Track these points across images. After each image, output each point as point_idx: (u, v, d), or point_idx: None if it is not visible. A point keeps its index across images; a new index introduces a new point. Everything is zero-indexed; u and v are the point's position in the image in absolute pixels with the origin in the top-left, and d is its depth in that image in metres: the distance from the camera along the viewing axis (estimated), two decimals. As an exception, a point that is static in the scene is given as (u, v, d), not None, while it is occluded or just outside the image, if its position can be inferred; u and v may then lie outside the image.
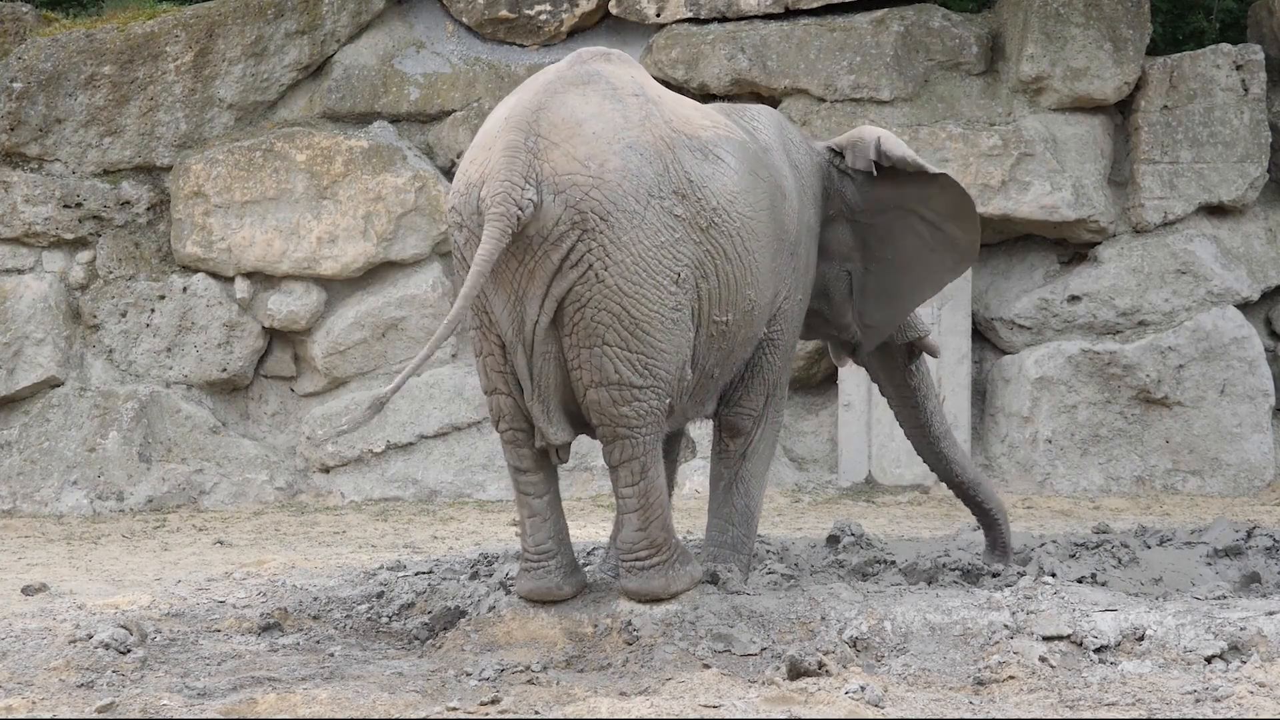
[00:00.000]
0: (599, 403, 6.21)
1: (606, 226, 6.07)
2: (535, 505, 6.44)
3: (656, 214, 6.16)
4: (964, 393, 12.19)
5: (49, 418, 12.01)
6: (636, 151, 6.16)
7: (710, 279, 6.34)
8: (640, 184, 6.13)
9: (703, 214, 6.28)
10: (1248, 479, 12.19)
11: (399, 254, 12.21)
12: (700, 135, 6.42)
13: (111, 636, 6.31)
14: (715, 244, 6.33)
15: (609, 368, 6.15)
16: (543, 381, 6.22)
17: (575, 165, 6.08)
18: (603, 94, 6.26)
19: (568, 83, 6.28)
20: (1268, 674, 5.75)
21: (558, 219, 6.05)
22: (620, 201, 6.09)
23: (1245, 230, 12.52)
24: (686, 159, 6.29)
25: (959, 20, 12.53)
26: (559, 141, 6.11)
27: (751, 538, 7.02)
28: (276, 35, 12.32)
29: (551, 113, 6.16)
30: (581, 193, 6.06)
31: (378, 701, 5.56)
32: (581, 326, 6.12)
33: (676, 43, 12.37)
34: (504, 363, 6.28)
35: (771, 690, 5.68)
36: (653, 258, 6.14)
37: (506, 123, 6.19)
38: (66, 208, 12.14)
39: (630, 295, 6.12)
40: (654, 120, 6.28)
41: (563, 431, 6.29)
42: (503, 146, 6.11)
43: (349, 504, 11.99)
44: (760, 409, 6.95)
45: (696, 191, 6.27)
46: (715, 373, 6.63)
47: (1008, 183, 12.22)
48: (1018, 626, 6.13)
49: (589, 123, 6.16)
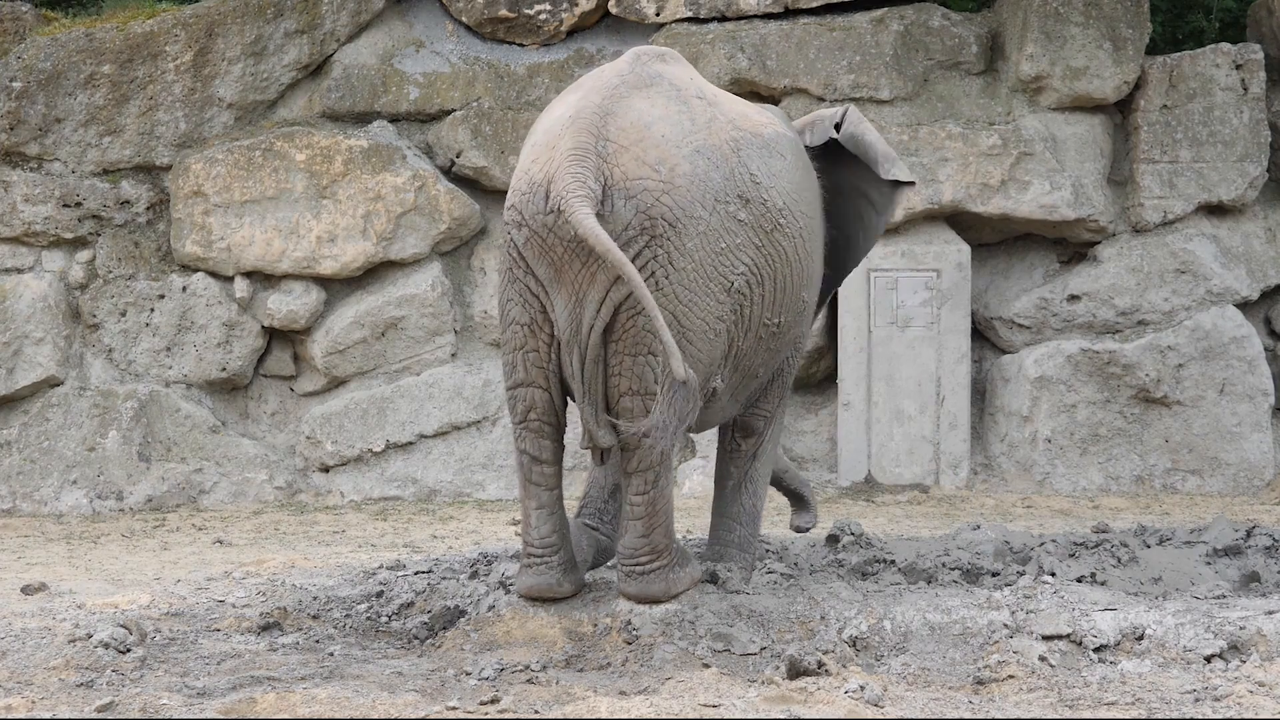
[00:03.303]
0: (631, 410, 6.17)
1: (674, 234, 6.02)
2: (544, 498, 6.42)
3: (721, 220, 6.11)
4: (963, 392, 12.19)
5: (49, 417, 12.01)
6: (704, 155, 6.12)
7: (766, 283, 6.30)
8: (708, 189, 6.08)
9: (767, 216, 6.24)
10: (1247, 478, 12.19)
11: (398, 253, 12.21)
12: (762, 133, 6.39)
13: (111, 636, 6.31)
14: (778, 246, 6.29)
15: (649, 377, 6.12)
16: (594, 384, 6.18)
17: (646, 170, 6.02)
18: (667, 96, 6.21)
19: (631, 85, 6.21)
20: (1267, 673, 5.75)
21: (627, 224, 6.00)
22: (689, 208, 6.04)
23: (1245, 230, 12.52)
24: (751, 160, 6.25)
25: (959, 20, 12.54)
26: (628, 145, 6.04)
27: (756, 537, 7.04)
28: (276, 35, 12.32)
29: (619, 116, 6.09)
30: (653, 198, 6.01)
31: (377, 701, 5.56)
32: (631, 334, 6.07)
33: (676, 42, 12.37)
34: (548, 360, 6.22)
35: (771, 690, 5.68)
36: (711, 265, 6.10)
37: (573, 123, 6.10)
38: (66, 207, 12.14)
39: (684, 303, 6.08)
40: (719, 122, 6.24)
41: (610, 434, 6.25)
42: (570, 148, 6.03)
43: (348, 503, 11.99)
44: (774, 409, 6.96)
45: (762, 193, 6.23)
46: (759, 372, 6.62)
47: (1007, 182, 12.22)
48: (1017, 626, 6.13)
49: (656, 126, 6.10)
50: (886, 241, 12.22)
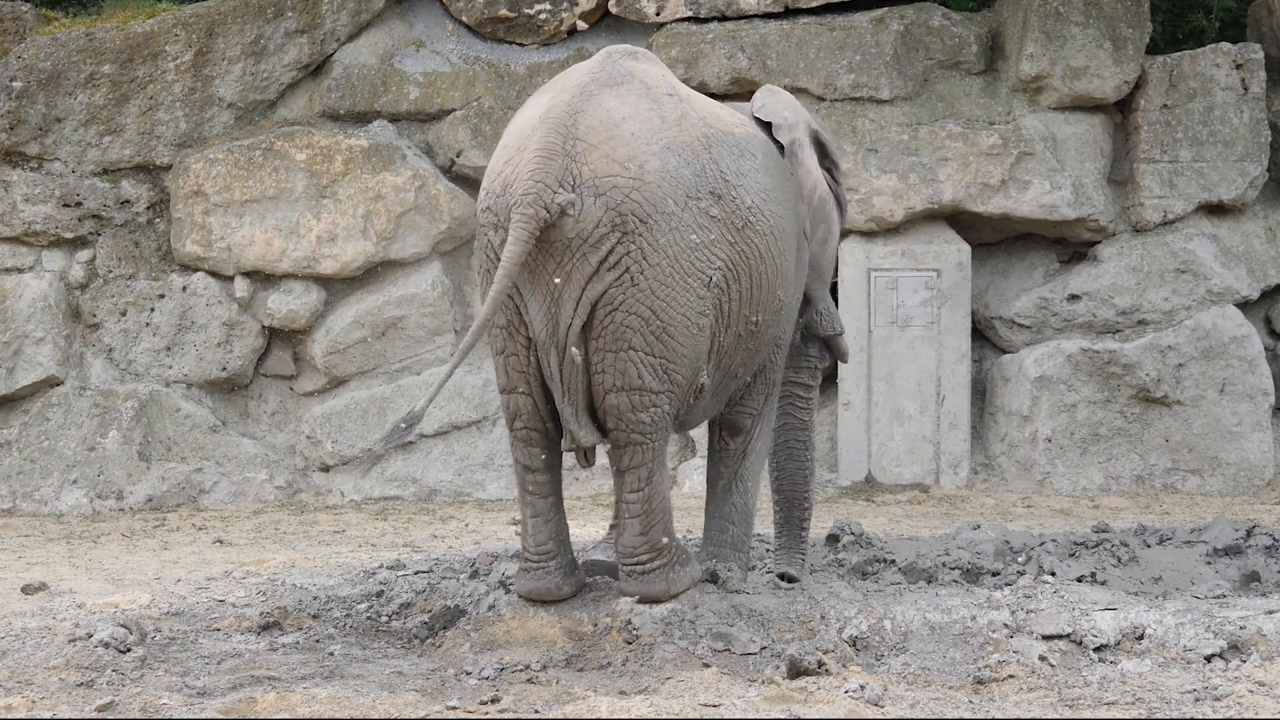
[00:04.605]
0: (618, 408, 6.18)
1: (646, 229, 6.03)
2: (539, 505, 6.43)
3: (693, 215, 6.13)
4: (963, 392, 12.19)
5: (49, 417, 12.01)
6: (675, 152, 6.13)
7: (743, 279, 6.31)
8: (679, 185, 6.10)
9: (738, 214, 6.25)
10: (1247, 478, 12.19)
11: (398, 253, 12.21)
12: (734, 132, 6.40)
13: (111, 635, 6.31)
14: (750, 244, 6.30)
15: (632, 372, 6.13)
16: (572, 384, 6.18)
17: (615, 167, 6.04)
18: (638, 94, 6.22)
19: (601, 83, 6.22)
20: (1267, 673, 5.75)
21: (599, 221, 6.01)
22: (660, 204, 6.05)
23: (1245, 229, 12.52)
24: (722, 157, 6.26)
25: (959, 19, 12.53)
26: (597, 143, 6.06)
27: (750, 536, 7.03)
28: (276, 34, 12.32)
29: (589, 114, 6.10)
30: (622, 194, 6.02)
31: (377, 700, 5.56)
32: (610, 330, 6.09)
33: (676, 41, 12.37)
34: (528, 363, 6.23)
35: (771, 689, 5.68)
36: (687, 260, 6.11)
37: (542, 123, 6.12)
38: (66, 207, 12.14)
39: (662, 299, 6.09)
40: (689, 119, 6.25)
41: (591, 433, 6.27)
42: (537, 148, 6.05)
43: (349, 503, 11.99)
44: (760, 407, 6.95)
45: (732, 191, 6.24)
46: (739, 372, 6.63)
47: (1007, 182, 12.22)
48: (1017, 625, 6.13)
49: (626, 123, 6.11)
50: (887, 241, 12.23)
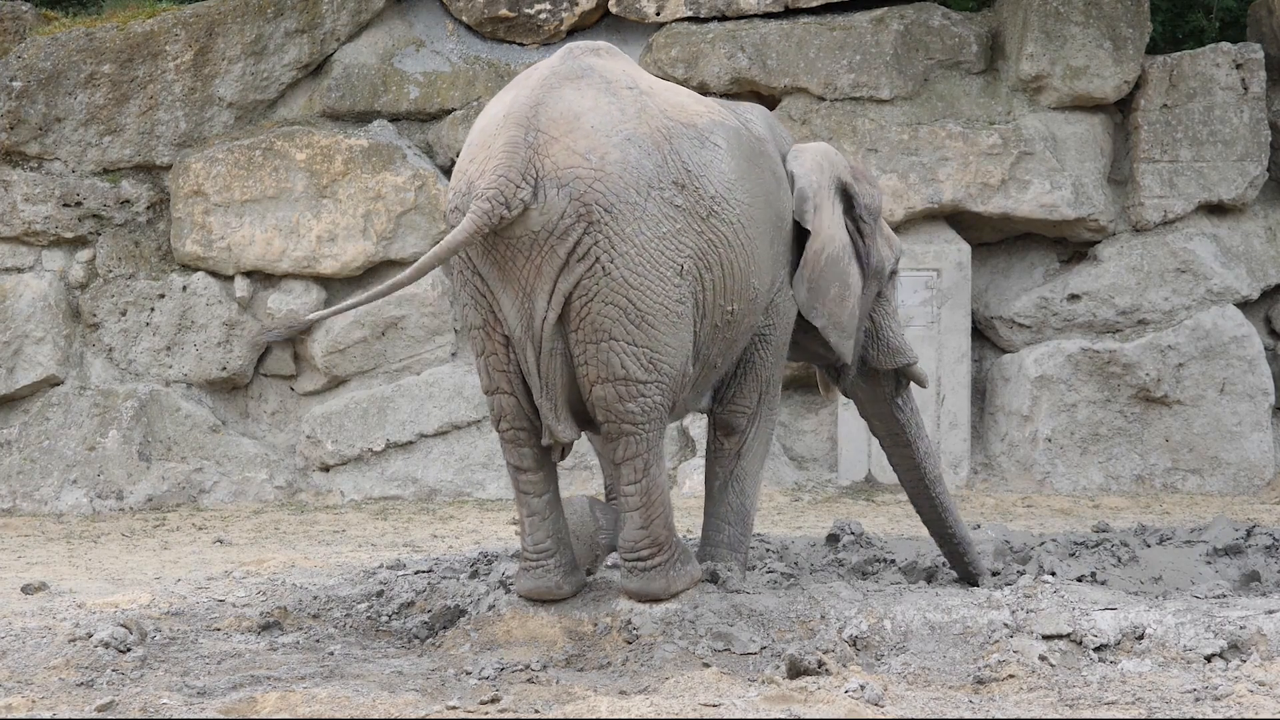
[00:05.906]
0: (604, 399, 6.21)
1: (610, 219, 6.08)
2: (534, 504, 6.45)
3: (658, 205, 6.17)
4: (964, 391, 12.19)
5: (49, 416, 12.01)
6: (635, 144, 6.18)
7: (714, 268, 6.34)
8: (640, 175, 6.14)
9: (702, 203, 6.28)
10: (1247, 478, 12.19)
11: (399, 253, 12.21)
12: (696, 123, 6.44)
13: (111, 635, 6.30)
14: (717, 232, 6.33)
15: (615, 363, 6.16)
16: (551, 379, 6.21)
17: (576, 159, 6.09)
18: (597, 88, 6.28)
19: (562, 78, 6.29)
20: (1267, 673, 5.75)
21: (563, 212, 6.06)
22: (622, 193, 6.10)
23: (1245, 229, 12.52)
24: (684, 148, 6.30)
25: (959, 19, 12.54)
26: (558, 136, 6.12)
27: (748, 536, 7.02)
28: (276, 34, 12.32)
29: (549, 108, 6.17)
30: (585, 185, 6.07)
31: (377, 700, 5.56)
32: (588, 321, 6.12)
33: (676, 41, 12.37)
34: (507, 361, 6.27)
35: (771, 689, 5.68)
36: (656, 249, 6.15)
37: (505, 119, 6.19)
38: (66, 206, 12.14)
39: (636, 288, 6.12)
40: (649, 112, 6.29)
41: (570, 429, 6.30)
42: (503, 143, 6.12)
43: (349, 503, 11.99)
44: (754, 406, 6.95)
45: (695, 180, 6.28)
46: (717, 363, 6.64)
47: (1007, 181, 12.22)
48: (1017, 625, 6.13)
49: (586, 116, 6.17)
50: (887, 241, 12.22)
